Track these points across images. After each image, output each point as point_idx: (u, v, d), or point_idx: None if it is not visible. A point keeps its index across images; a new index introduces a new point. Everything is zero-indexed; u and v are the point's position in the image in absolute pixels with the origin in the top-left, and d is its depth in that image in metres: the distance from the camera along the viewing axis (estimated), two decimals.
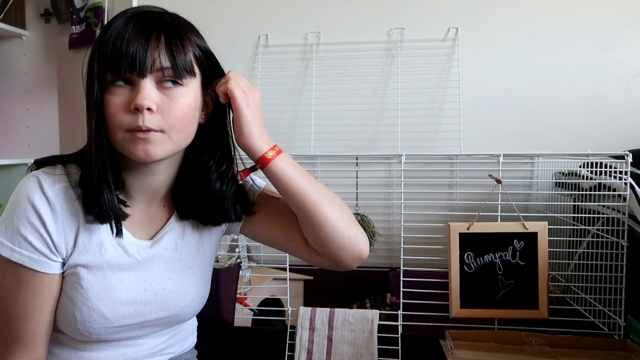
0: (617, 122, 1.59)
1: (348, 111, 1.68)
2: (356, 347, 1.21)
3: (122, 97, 0.70)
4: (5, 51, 1.89)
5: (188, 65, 0.72)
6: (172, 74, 0.71)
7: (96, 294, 0.75)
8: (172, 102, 0.71)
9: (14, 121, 1.89)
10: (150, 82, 0.70)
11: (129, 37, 0.69)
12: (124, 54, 0.68)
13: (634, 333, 1.13)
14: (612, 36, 1.59)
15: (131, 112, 0.69)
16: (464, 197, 1.59)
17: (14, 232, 0.73)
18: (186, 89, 0.73)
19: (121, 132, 0.70)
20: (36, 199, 0.73)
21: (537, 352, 1.08)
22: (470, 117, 1.63)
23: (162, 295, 0.80)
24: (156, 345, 0.85)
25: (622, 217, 1.16)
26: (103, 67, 0.70)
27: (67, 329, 0.77)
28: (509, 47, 1.64)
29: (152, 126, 0.69)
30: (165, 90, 0.71)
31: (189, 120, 0.74)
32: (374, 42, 1.69)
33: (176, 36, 0.72)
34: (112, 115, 0.70)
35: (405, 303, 1.25)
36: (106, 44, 0.70)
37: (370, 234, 1.53)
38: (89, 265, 0.75)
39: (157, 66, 0.70)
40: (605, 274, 1.19)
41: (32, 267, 0.73)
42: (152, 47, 0.70)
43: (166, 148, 0.72)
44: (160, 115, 0.70)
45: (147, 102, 0.68)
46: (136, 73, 0.69)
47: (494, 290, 1.17)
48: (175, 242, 0.83)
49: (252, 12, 1.74)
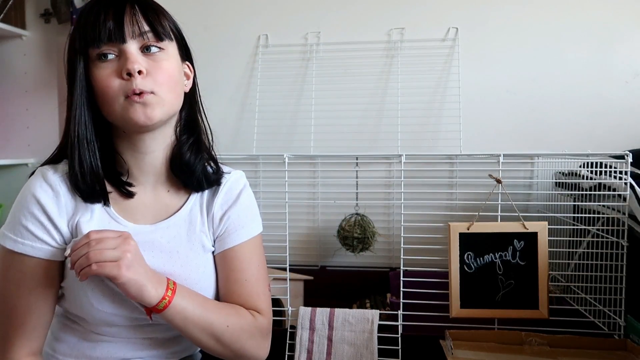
0: (617, 122, 1.59)
1: (348, 111, 1.68)
2: (356, 347, 1.21)
3: (111, 69, 0.73)
4: (5, 51, 1.89)
5: (166, 29, 0.77)
6: (154, 38, 0.75)
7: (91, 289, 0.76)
8: (158, 64, 0.75)
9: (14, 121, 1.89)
10: (135, 47, 0.74)
11: (105, 10, 0.73)
12: (101, 24, 0.72)
13: (634, 333, 1.13)
14: (612, 36, 1.59)
15: (123, 79, 0.73)
16: (464, 197, 1.59)
17: (17, 224, 0.76)
18: (168, 53, 0.78)
19: (119, 98, 0.73)
20: (37, 189, 0.77)
21: (537, 352, 1.08)
22: (470, 117, 1.63)
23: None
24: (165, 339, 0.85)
25: (622, 217, 1.16)
26: (84, 43, 0.73)
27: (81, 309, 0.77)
28: (509, 47, 1.64)
29: (145, 88, 0.73)
30: (150, 56, 0.75)
31: (176, 81, 0.79)
32: (374, 42, 1.69)
33: (149, 6, 0.77)
34: (106, 87, 0.73)
35: (405, 303, 1.25)
36: (83, 22, 0.74)
37: (370, 234, 1.54)
38: None
39: (137, 31, 0.74)
40: (605, 274, 1.19)
41: (35, 255, 0.75)
42: (128, 14, 0.74)
43: (161, 110, 0.75)
44: (150, 78, 0.74)
45: (137, 66, 0.72)
46: (118, 40, 0.73)
47: (494, 290, 1.17)
48: (179, 232, 0.84)
49: (252, 12, 1.74)
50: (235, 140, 1.75)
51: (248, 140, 1.70)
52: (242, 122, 1.75)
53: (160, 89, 0.75)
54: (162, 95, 0.75)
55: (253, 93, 1.73)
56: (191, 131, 0.86)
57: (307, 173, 1.71)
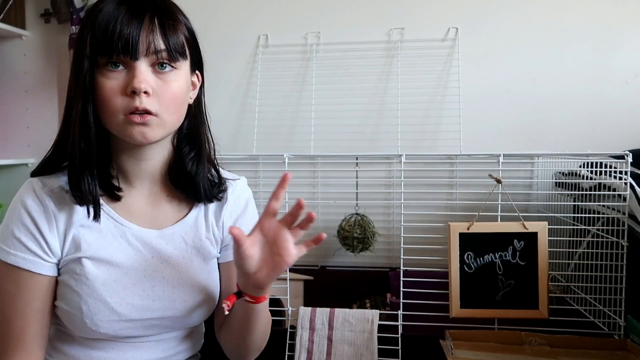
0: (617, 122, 1.59)
1: (348, 111, 1.68)
2: (356, 347, 1.21)
3: (117, 81, 0.71)
4: (5, 51, 1.89)
5: (181, 47, 0.74)
6: (167, 57, 0.72)
7: (102, 284, 0.75)
8: (167, 85, 0.73)
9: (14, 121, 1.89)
10: (145, 65, 0.71)
11: (122, 19, 0.70)
12: (117, 36, 0.69)
13: (634, 333, 1.13)
14: (612, 36, 1.59)
15: (127, 95, 0.70)
16: (464, 197, 1.59)
17: (9, 235, 0.75)
18: (179, 72, 0.75)
19: (119, 115, 0.71)
20: (29, 202, 0.75)
21: (537, 352, 1.08)
22: (470, 117, 1.63)
23: (171, 292, 0.80)
24: (165, 347, 0.84)
25: (622, 217, 1.16)
26: (95, 49, 0.70)
27: (74, 325, 0.76)
28: (509, 47, 1.63)
29: (150, 108, 0.71)
30: (160, 74, 0.73)
31: (181, 103, 0.77)
32: (374, 42, 1.69)
33: (168, 17, 0.74)
34: (108, 99, 0.71)
35: (405, 303, 1.25)
36: (98, 26, 0.70)
37: (370, 234, 1.53)
38: (92, 257, 0.76)
39: (152, 49, 0.71)
40: (605, 274, 1.19)
41: (27, 268, 0.74)
42: (146, 29, 0.71)
43: (161, 131, 0.74)
44: (155, 98, 0.72)
45: (144, 86, 0.70)
46: (130, 56, 0.70)
47: (494, 290, 1.17)
48: (185, 240, 0.83)
49: (252, 12, 1.74)
50: (235, 140, 1.75)
51: (248, 140, 1.70)
52: (242, 122, 1.75)
53: (164, 110, 0.73)
54: (164, 117, 0.73)
55: (253, 93, 1.73)
56: (193, 142, 0.84)
57: (307, 173, 1.71)
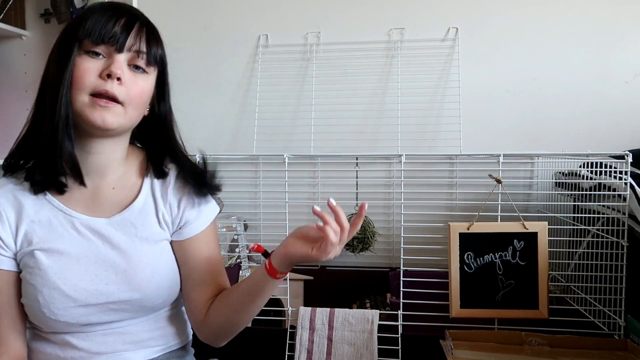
0: (617, 122, 1.59)
1: (348, 111, 1.68)
2: (356, 347, 1.21)
3: (95, 65, 0.77)
4: (5, 51, 1.89)
5: (157, 57, 0.83)
6: (145, 59, 0.80)
7: (54, 273, 0.79)
8: (136, 81, 0.80)
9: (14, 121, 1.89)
10: (124, 59, 0.79)
11: (117, 17, 0.78)
12: (110, 27, 0.77)
13: (634, 333, 1.13)
14: (612, 36, 1.59)
15: (101, 78, 0.76)
16: (464, 197, 1.59)
17: None
18: (148, 77, 0.82)
19: (84, 95, 0.77)
20: None
21: (537, 352, 1.08)
22: (470, 117, 1.63)
23: (124, 276, 0.82)
24: (137, 333, 0.86)
25: (622, 217, 1.16)
26: (86, 34, 0.77)
27: (38, 319, 0.81)
28: (509, 47, 1.64)
29: (118, 95, 0.77)
30: (133, 72, 0.80)
31: (144, 103, 0.83)
32: (374, 42, 1.69)
33: (154, 33, 0.83)
34: (81, 76, 0.76)
35: (405, 303, 1.25)
36: (92, 18, 0.77)
37: (370, 234, 1.53)
38: (44, 249, 0.80)
39: (135, 48, 0.79)
40: (605, 274, 1.19)
41: None
42: (135, 32, 0.79)
43: (121, 121, 0.79)
44: (125, 88, 0.78)
45: (120, 72, 0.77)
46: (116, 47, 0.77)
47: (494, 290, 1.17)
48: (135, 225, 0.85)
49: (252, 12, 1.74)
50: (235, 140, 1.75)
51: (248, 140, 1.70)
52: (242, 122, 1.75)
53: (130, 101, 0.79)
54: (128, 109, 0.79)
55: (253, 93, 1.74)
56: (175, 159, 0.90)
57: (307, 173, 1.71)
